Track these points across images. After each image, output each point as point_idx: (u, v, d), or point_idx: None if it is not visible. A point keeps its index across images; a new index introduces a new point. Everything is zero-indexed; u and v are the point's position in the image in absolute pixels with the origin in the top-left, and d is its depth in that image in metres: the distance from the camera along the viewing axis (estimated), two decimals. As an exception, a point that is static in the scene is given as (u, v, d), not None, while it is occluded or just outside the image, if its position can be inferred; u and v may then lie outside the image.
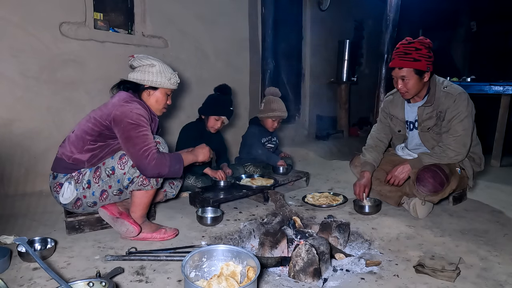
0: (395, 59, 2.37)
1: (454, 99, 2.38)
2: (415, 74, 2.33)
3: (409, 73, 2.33)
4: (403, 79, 2.36)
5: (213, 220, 2.28)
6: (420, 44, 2.32)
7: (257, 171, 3.17)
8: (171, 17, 3.66)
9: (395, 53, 2.38)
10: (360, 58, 6.89)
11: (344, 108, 6.27)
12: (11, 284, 1.54)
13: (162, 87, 2.09)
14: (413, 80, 2.35)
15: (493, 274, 1.71)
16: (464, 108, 2.38)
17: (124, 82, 2.11)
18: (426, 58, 2.31)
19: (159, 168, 1.89)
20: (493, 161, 4.33)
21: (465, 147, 2.42)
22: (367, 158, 2.70)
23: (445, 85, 2.45)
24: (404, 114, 2.62)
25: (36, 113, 2.91)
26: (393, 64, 2.38)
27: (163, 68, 2.08)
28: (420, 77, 2.35)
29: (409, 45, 2.33)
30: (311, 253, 1.63)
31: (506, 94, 4.21)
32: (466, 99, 2.40)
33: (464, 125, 2.38)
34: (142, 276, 1.64)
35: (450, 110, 2.39)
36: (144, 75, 2.04)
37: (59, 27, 2.96)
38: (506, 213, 2.57)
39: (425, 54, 2.31)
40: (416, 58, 2.30)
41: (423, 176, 2.34)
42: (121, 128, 1.90)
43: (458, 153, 2.41)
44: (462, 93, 2.41)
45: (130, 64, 2.12)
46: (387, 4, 4.27)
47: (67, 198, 1.97)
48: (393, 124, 2.72)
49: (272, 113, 3.23)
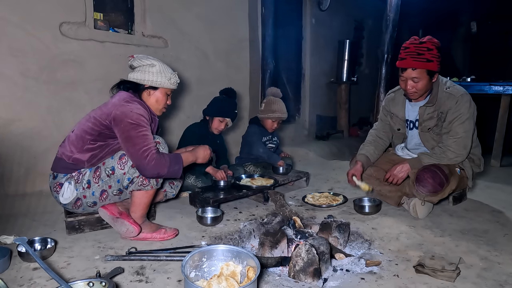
0: (407, 59, 2.30)
1: (456, 101, 2.37)
2: (427, 75, 2.31)
3: (421, 74, 2.30)
4: (414, 80, 2.32)
5: (213, 220, 2.28)
6: (431, 44, 2.29)
7: (257, 171, 3.17)
8: (171, 17, 3.66)
9: (406, 53, 2.31)
10: (360, 58, 6.89)
11: (344, 108, 6.27)
12: (11, 284, 1.54)
13: (162, 87, 2.09)
14: (424, 80, 2.32)
15: (493, 274, 1.71)
16: (466, 110, 2.36)
17: (124, 82, 2.11)
18: (437, 58, 2.30)
19: (158, 169, 1.89)
20: (493, 161, 4.33)
21: (465, 149, 2.41)
22: (362, 151, 2.71)
23: (448, 85, 2.44)
24: (405, 113, 2.62)
25: (36, 113, 2.91)
26: (406, 65, 2.31)
27: (163, 68, 2.08)
28: (430, 78, 2.34)
29: (421, 45, 2.29)
30: (311, 253, 1.63)
31: (506, 94, 4.21)
32: (468, 101, 2.39)
33: (465, 127, 2.37)
34: (142, 276, 1.64)
35: (452, 111, 2.38)
36: (144, 75, 2.05)
37: (59, 27, 2.96)
38: (506, 213, 2.56)
39: (436, 54, 2.29)
40: (429, 58, 2.26)
41: (423, 176, 2.33)
42: (121, 128, 1.90)
43: (458, 155, 2.40)
44: (465, 95, 2.40)
45: (130, 64, 2.12)
46: (387, 4, 4.26)
47: (67, 198, 1.97)
48: (393, 122, 2.71)
49: (272, 114, 3.23)
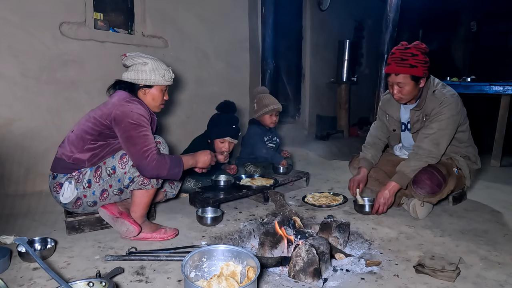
0: (391, 64, 2.32)
1: (440, 102, 2.34)
2: (411, 80, 2.29)
3: (405, 79, 2.29)
4: (399, 85, 2.32)
5: (213, 220, 2.28)
6: (416, 50, 2.28)
7: (257, 171, 3.17)
8: (171, 17, 3.66)
9: (391, 59, 2.33)
10: (360, 58, 6.89)
11: (344, 108, 6.27)
12: (11, 284, 1.54)
13: (156, 85, 2.08)
14: (409, 86, 2.31)
15: (493, 274, 1.71)
16: (447, 110, 2.32)
17: (119, 82, 2.11)
18: (423, 63, 2.27)
19: (158, 170, 1.89)
20: (493, 161, 4.33)
21: (437, 147, 2.35)
22: (365, 155, 2.72)
23: (436, 88, 2.41)
24: (400, 115, 2.62)
25: (36, 113, 2.91)
26: (389, 70, 2.34)
27: (156, 65, 2.06)
28: (416, 83, 2.32)
29: (406, 50, 2.29)
30: (311, 253, 1.63)
31: (506, 94, 4.21)
32: (452, 103, 2.34)
33: (441, 125, 2.33)
34: (142, 276, 1.64)
35: (434, 112, 2.37)
36: (137, 74, 2.04)
37: (59, 27, 2.96)
38: (506, 213, 2.57)
39: (421, 60, 2.27)
40: (413, 64, 2.26)
41: (420, 178, 2.32)
42: (121, 128, 1.90)
43: (430, 152, 2.34)
44: (450, 97, 2.35)
45: (123, 64, 2.12)
46: (387, 4, 4.27)
47: (67, 198, 1.97)
48: (388, 123, 2.72)
49: (267, 108, 3.24)
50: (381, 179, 2.65)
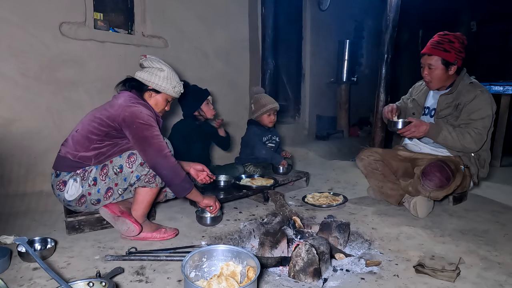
0: (428, 46, 2.46)
1: (476, 95, 2.42)
2: (442, 64, 2.41)
3: (436, 62, 2.42)
4: (429, 66, 2.44)
5: (213, 220, 2.28)
6: (454, 37, 2.42)
7: (257, 171, 3.17)
8: (171, 17, 3.67)
9: (430, 42, 2.47)
10: (360, 58, 6.89)
11: (344, 108, 6.27)
12: (11, 284, 1.54)
13: (165, 93, 2.12)
14: (438, 70, 2.43)
15: (493, 274, 1.71)
16: (488, 107, 2.42)
17: (130, 79, 2.13)
18: (457, 51, 2.40)
19: (174, 172, 1.93)
20: (493, 161, 4.30)
21: (480, 142, 2.45)
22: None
23: (471, 81, 2.51)
24: (425, 100, 2.68)
25: (36, 113, 2.92)
26: (424, 50, 2.47)
27: (171, 75, 2.11)
28: (446, 68, 2.42)
29: (445, 36, 2.43)
30: (311, 253, 1.63)
31: (506, 94, 4.21)
32: (489, 98, 2.45)
33: (485, 123, 2.42)
34: (142, 276, 1.64)
35: (471, 105, 2.42)
36: (151, 77, 2.07)
37: (59, 27, 2.96)
38: (506, 213, 2.57)
39: (456, 47, 2.40)
40: (447, 49, 2.39)
41: (430, 170, 2.34)
42: (133, 129, 1.92)
43: (473, 141, 2.41)
44: (485, 91, 2.46)
45: (140, 63, 2.14)
46: (387, 4, 4.25)
47: (72, 195, 1.98)
48: (411, 105, 2.77)
49: (264, 108, 3.24)
50: (386, 173, 2.66)
